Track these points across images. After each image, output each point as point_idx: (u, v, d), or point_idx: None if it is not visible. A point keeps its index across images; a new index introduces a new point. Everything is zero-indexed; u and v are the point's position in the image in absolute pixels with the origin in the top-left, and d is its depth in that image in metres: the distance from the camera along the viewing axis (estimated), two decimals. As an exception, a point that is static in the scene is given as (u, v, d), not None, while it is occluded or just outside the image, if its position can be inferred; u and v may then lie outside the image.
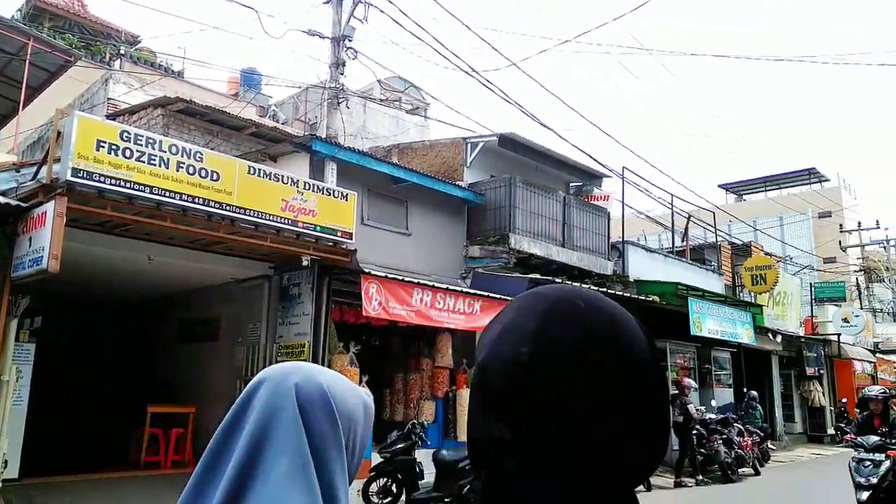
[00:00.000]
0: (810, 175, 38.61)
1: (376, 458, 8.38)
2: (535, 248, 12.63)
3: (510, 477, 0.66)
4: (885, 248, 36.69)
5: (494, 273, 12.01)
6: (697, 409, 12.51)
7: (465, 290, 10.62)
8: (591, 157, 19.79)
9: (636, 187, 16.82)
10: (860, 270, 31.61)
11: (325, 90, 11.17)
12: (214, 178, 7.66)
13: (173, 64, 19.47)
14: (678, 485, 11.79)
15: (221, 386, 9.97)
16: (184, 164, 7.42)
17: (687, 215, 18.89)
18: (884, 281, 36.39)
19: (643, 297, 13.93)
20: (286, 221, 8.20)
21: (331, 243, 8.68)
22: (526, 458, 0.65)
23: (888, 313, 35.82)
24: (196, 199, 7.47)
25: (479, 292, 10.68)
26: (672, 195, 18.06)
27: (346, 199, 8.95)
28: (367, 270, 8.92)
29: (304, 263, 8.26)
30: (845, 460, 9.23)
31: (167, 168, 7.29)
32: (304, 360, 8.00)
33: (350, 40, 11.31)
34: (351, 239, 8.93)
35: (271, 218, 8.03)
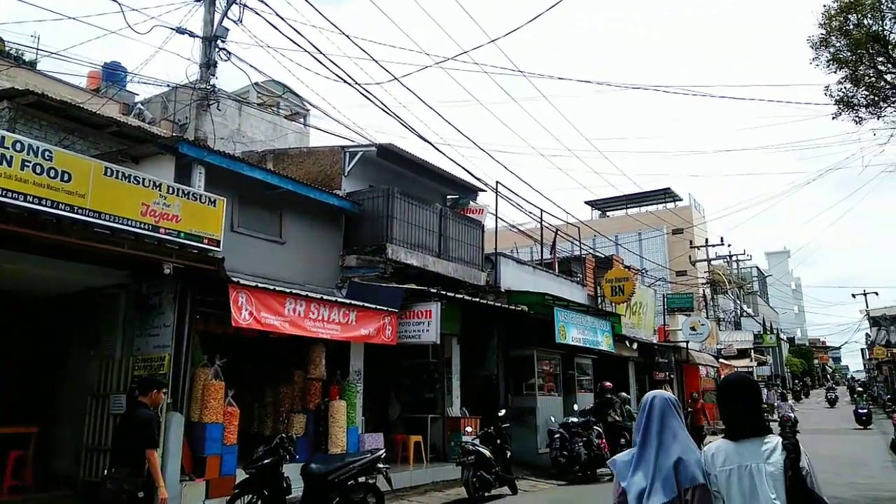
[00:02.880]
0: (666, 195, 41.96)
1: (241, 475, 8.11)
2: (412, 258, 12.78)
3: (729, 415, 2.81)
4: (728, 263, 40.61)
5: (371, 283, 12.02)
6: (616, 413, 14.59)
7: (340, 300, 10.54)
8: (467, 171, 20.38)
9: (509, 202, 17.49)
10: (707, 283, 34.74)
11: (195, 90, 10.71)
12: (66, 178, 7.11)
13: (24, 53, 17.80)
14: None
15: (71, 404, 9.22)
16: (30, 162, 6.84)
17: (555, 230, 19.90)
18: (727, 293, 40.22)
19: (513, 307, 14.51)
20: (146, 227, 7.75)
21: (196, 251, 8.30)
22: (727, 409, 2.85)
23: (730, 322, 39.61)
24: (44, 201, 6.90)
25: (354, 302, 10.64)
26: (542, 210, 18.98)
27: (214, 205, 8.62)
28: (235, 279, 8.62)
29: (166, 272, 7.83)
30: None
31: (10, 166, 6.69)
32: (164, 374, 7.62)
33: (223, 41, 10.94)
34: (218, 247, 8.59)
35: (129, 223, 7.57)
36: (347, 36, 11.33)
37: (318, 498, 7.77)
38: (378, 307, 10.94)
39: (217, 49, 10.77)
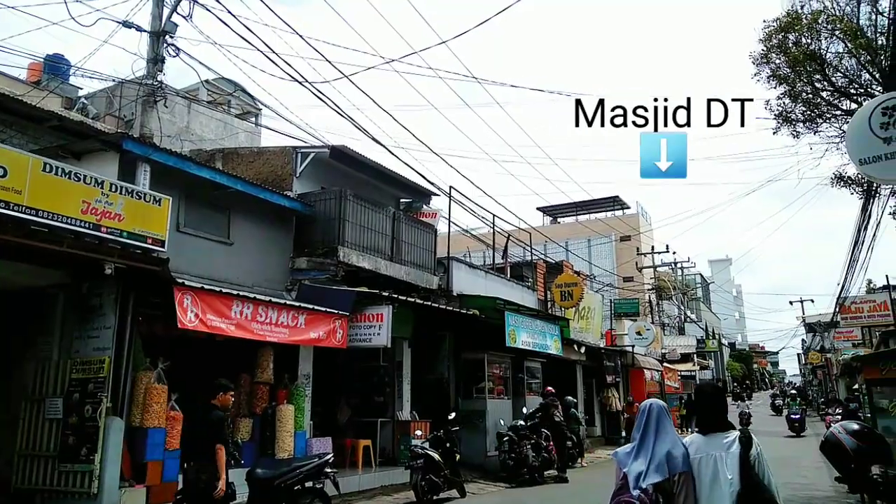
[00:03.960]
0: (614, 203, 42.93)
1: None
2: (364, 261, 12.72)
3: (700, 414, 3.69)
4: (673, 269, 41.77)
5: (322, 286, 11.91)
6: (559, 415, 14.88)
7: (289, 302, 10.40)
8: (421, 175, 20.40)
9: (462, 206, 17.56)
10: (652, 289, 35.64)
11: (142, 86, 10.42)
12: (1, 174, 6.84)
13: (-43, 41, 16.96)
14: (560, 479, 13.59)
15: (5, 407, 8.81)
16: (-38, 155, 6.55)
17: (507, 235, 20.11)
18: (671, 298, 41.34)
19: (465, 311, 14.59)
20: (87, 225, 7.51)
21: (139, 251, 8.08)
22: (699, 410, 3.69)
23: (674, 327, 40.73)
24: (-24, 197, 6.62)
25: (304, 305, 10.52)
26: (494, 215, 19.14)
27: (159, 204, 8.41)
28: (180, 281, 8.41)
29: (108, 272, 7.59)
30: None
31: (-60, 160, 6.39)
32: (104, 378, 7.35)
33: (172, 36, 10.68)
34: (163, 247, 8.38)
35: (69, 221, 7.32)
36: (300, 35, 11.22)
37: (263, 503, 7.64)
38: (328, 310, 10.84)
39: (165, 45, 10.51)
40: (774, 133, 13.95)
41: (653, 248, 37.35)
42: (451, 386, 15.13)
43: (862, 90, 12.48)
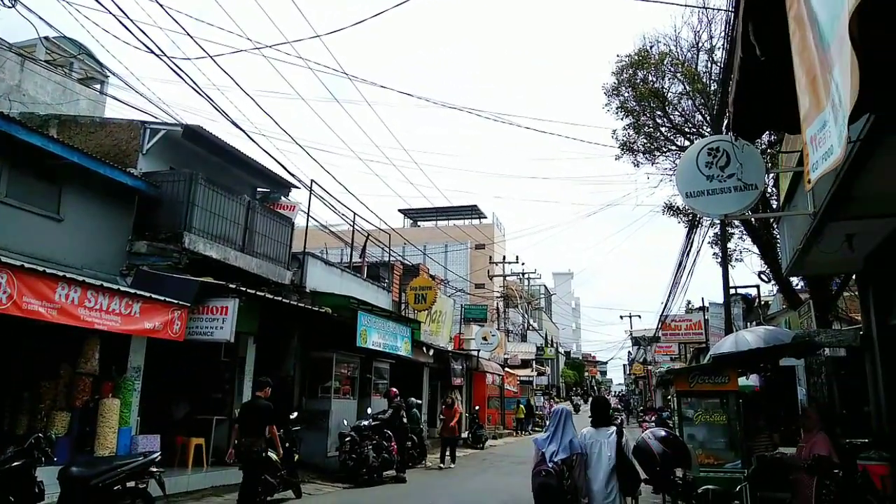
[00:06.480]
0: (472, 211, 44.41)
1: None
2: (212, 250, 12.11)
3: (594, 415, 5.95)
4: (520, 279, 43.92)
5: (162, 273, 11.17)
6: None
7: (123, 288, 9.63)
8: (281, 165, 19.79)
9: (322, 201, 17.30)
10: (501, 297, 37.22)
11: (-36, 34, 9.18)
12: None
13: None
14: (398, 479, 13.72)
15: None
16: None
17: (367, 234, 20.06)
18: (517, 307, 43.41)
19: (317, 308, 14.34)
20: None
21: (-53, 220, 7.12)
22: (594, 412, 5.90)
23: (517, 334, 42.79)
24: None
25: (140, 292, 9.79)
26: (355, 213, 19.03)
27: (-24, 170, 7.45)
28: (-5, 257, 7.51)
29: None
30: (476, 461, 10.79)
31: None
32: None
33: (7, -17, 9.51)
34: (-23, 217, 7.44)
35: None
36: (159, 3, 10.44)
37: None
38: (167, 300, 10.18)
39: (-3, -9, 9.34)
40: (617, 160, 15.19)
41: (504, 257, 39.04)
42: (297, 384, 14.79)
43: (695, 130, 13.94)
